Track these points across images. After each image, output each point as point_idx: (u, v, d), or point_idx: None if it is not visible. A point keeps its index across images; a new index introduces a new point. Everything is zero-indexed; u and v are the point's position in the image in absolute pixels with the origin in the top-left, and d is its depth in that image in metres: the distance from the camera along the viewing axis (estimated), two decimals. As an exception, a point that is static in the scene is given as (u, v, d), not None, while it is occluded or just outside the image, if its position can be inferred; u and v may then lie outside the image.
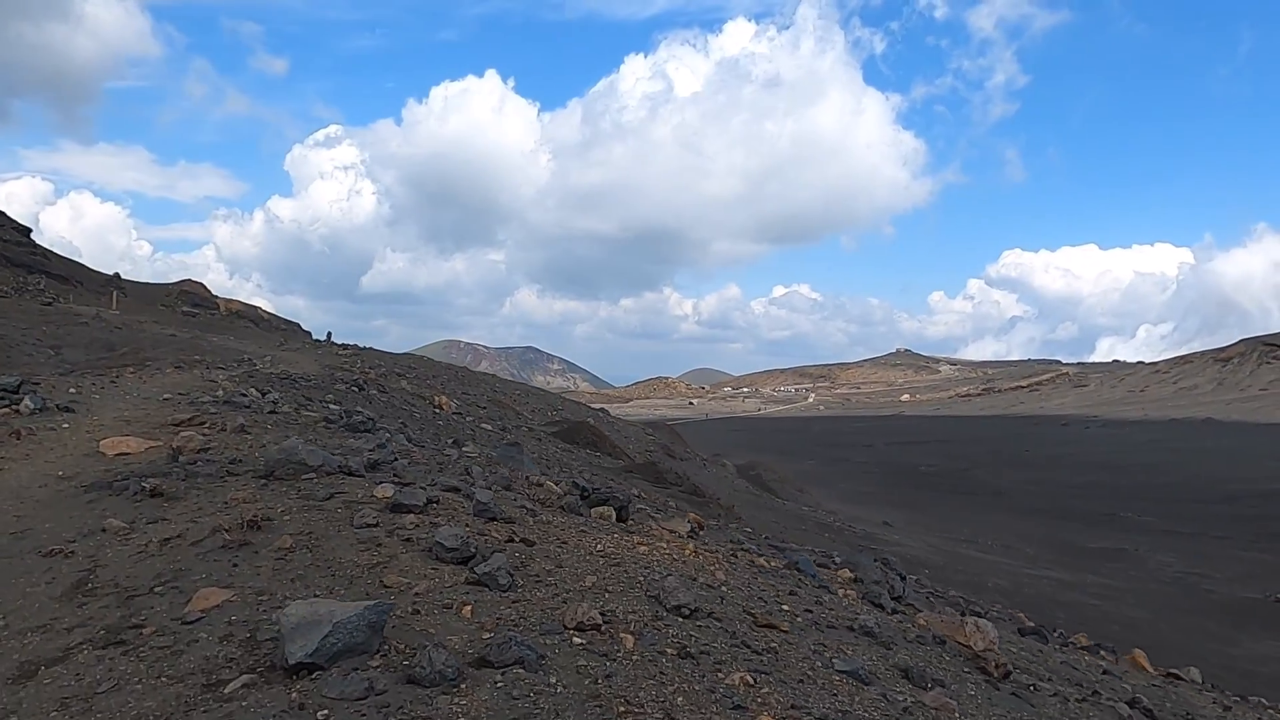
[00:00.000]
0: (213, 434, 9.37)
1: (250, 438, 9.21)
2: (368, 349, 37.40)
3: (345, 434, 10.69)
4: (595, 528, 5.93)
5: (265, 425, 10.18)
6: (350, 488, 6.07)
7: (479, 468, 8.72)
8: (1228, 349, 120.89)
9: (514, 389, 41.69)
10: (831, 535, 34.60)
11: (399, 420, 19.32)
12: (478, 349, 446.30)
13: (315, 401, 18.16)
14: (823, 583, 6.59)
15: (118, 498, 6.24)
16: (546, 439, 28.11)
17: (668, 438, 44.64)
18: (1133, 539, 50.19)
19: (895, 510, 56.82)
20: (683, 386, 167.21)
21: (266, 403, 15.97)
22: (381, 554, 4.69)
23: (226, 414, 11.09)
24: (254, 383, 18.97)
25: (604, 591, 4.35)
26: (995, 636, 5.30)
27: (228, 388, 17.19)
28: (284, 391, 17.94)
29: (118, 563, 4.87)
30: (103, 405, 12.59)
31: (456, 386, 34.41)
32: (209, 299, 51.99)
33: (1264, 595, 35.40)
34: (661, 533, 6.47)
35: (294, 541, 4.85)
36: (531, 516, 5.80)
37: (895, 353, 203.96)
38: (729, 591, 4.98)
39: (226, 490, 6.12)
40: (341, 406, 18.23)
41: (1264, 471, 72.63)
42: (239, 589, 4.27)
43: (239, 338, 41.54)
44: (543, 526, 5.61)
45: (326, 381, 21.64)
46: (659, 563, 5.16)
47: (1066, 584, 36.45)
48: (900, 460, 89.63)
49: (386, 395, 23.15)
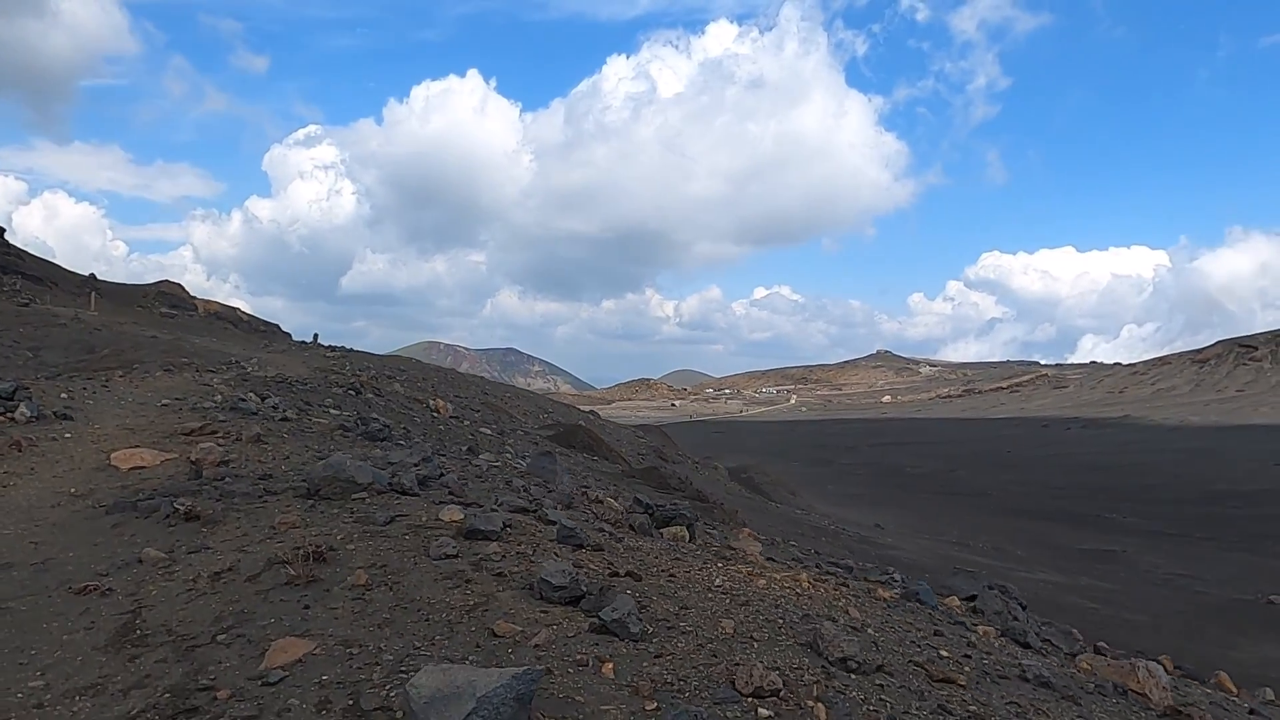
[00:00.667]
0: (229, 444, 8.72)
1: (269, 448, 8.57)
2: (355, 351, 36.55)
3: (365, 443, 10.06)
4: (690, 554, 5.38)
5: (281, 435, 9.53)
6: (409, 509, 5.47)
7: (520, 479, 8.14)
8: (1204, 350, 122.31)
9: (504, 391, 40.96)
10: (828, 539, 34.20)
11: (401, 426, 18.65)
12: (458, 350, 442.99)
13: (315, 406, 17.45)
14: (956, 618, 6.08)
15: (146, 520, 5.59)
16: (543, 443, 27.49)
17: (659, 440, 44.12)
18: (1120, 540, 50.30)
19: (884, 512, 56.64)
20: (665, 388, 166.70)
21: (267, 407, 15.26)
22: (475, 592, 4.11)
23: (238, 422, 10.42)
24: (250, 387, 18.22)
25: (750, 640, 3.81)
26: (1167, 682, 4.83)
27: (225, 392, 16.45)
28: (283, 396, 17.22)
29: (166, 603, 4.25)
30: (100, 412, 11.85)
31: (449, 390, 33.69)
32: (187, 300, 50.79)
33: (1256, 596, 35.43)
34: (754, 557, 5.94)
35: (369, 577, 4.26)
36: (616, 541, 5.25)
37: (875, 354, 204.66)
38: (877, 635, 4.46)
39: (270, 512, 5.50)
40: (343, 411, 17.54)
41: (1243, 472, 73.30)
42: (320, 638, 3.67)
43: (221, 339, 40.50)
44: (634, 554, 5.06)
45: (322, 385, 20.91)
46: (786, 599, 4.63)
47: (1063, 587, 36.27)
48: (885, 462, 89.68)
49: (383, 399, 22.43)
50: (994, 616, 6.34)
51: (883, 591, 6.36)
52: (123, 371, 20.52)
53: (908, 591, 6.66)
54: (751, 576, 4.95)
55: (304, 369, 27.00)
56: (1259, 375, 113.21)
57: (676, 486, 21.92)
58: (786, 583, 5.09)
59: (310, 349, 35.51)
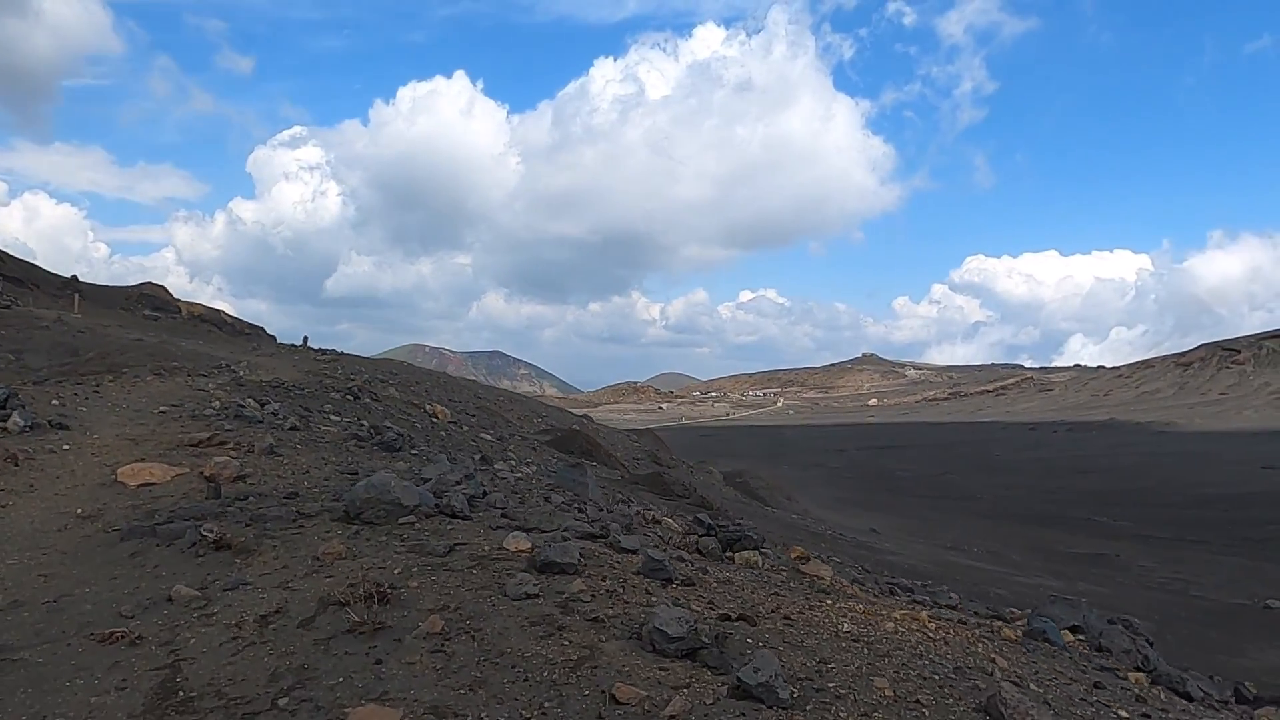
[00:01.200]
0: (242, 457, 8.09)
1: (285, 461, 7.95)
2: (346, 354, 35.77)
3: (382, 453, 9.45)
4: (785, 587, 4.83)
5: (295, 446, 8.90)
6: (467, 536, 4.88)
7: (559, 495, 7.56)
8: (1188, 354, 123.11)
9: (497, 395, 40.28)
10: (827, 545, 33.76)
11: (405, 433, 18.01)
12: (444, 353, 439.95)
13: (315, 412, 16.78)
14: (1100, 664, 5.54)
15: (169, 549, 4.98)
16: (541, 448, 26.88)
17: (653, 444, 43.56)
18: (1111, 544, 50.21)
19: (876, 516, 56.33)
20: (652, 391, 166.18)
21: (267, 414, 14.60)
22: (574, 643, 3.55)
23: (246, 432, 9.77)
24: (247, 392, 17.52)
25: (918, 706, 3.27)
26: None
27: (222, 398, 15.75)
28: (282, 401, 16.54)
29: (208, 654, 3.65)
30: (97, 420, 11.17)
31: (442, 394, 32.99)
32: (171, 302, 49.76)
33: (1253, 601, 35.29)
34: (833, 582, 5.41)
35: (444, 623, 3.68)
36: (703, 573, 4.69)
37: (861, 357, 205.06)
38: (1043, 692, 3.94)
39: (309, 539, 4.90)
40: (343, 418, 16.89)
41: (1231, 475, 73.63)
42: (405, 703, 3.09)
43: (208, 342, 39.54)
44: (730, 589, 4.50)
45: (318, 390, 20.21)
46: (924, 647, 4.10)
47: (1062, 592, 35.87)
48: (874, 465, 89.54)
49: (380, 404, 21.74)
50: (1123, 655, 5.82)
51: (1007, 631, 5.82)
52: (112, 376, 19.76)
53: (1032, 630, 6.12)
54: (873, 618, 4.42)
55: (296, 373, 26.26)
56: (1242, 379, 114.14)
57: (680, 493, 21.36)
58: (909, 623, 4.56)
59: (300, 352, 34.70)
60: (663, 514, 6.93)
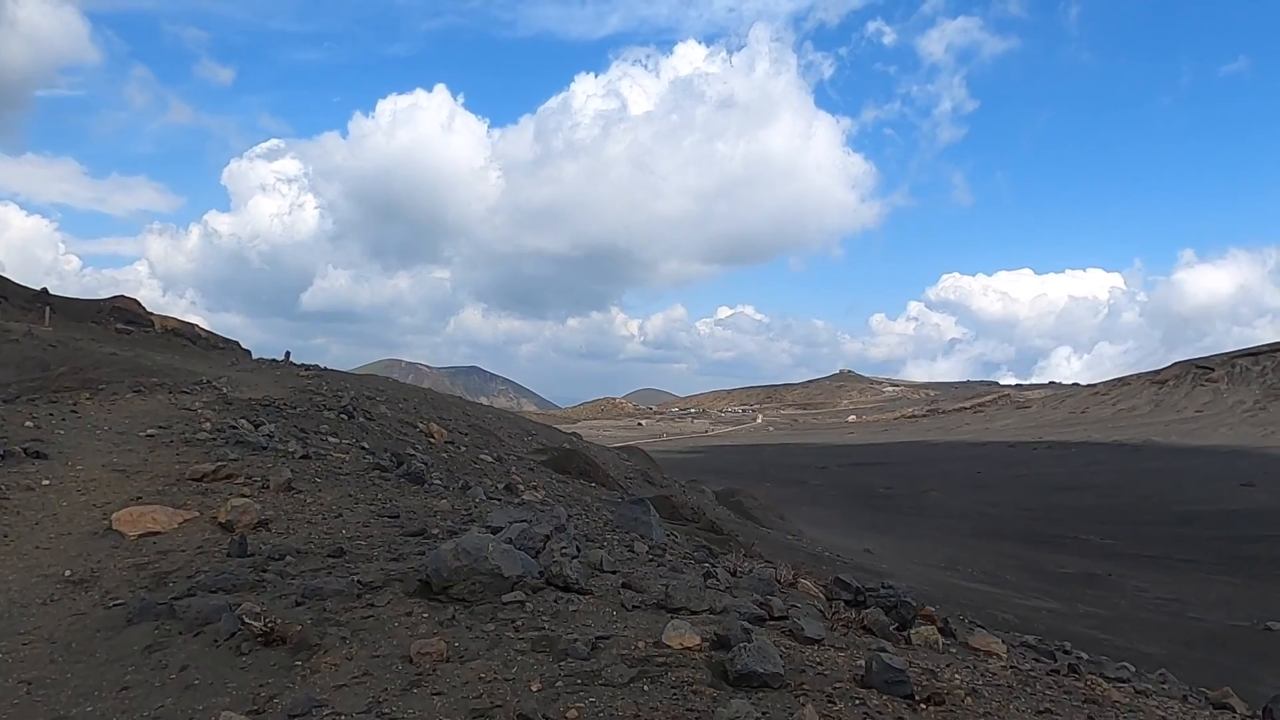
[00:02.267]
0: (255, 494, 7.12)
1: (308, 500, 7.02)
2: (329, 370, 34.61)
3: (411, 486, 8.52)
4: (1056, 703, 3.79)
5: (313, 479, 7.97)
6: (599, 621, 3.79)
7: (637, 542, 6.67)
8: (1163, 371, 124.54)
9: (484, 412, 39.26)
10: (827, 567, 33.01)
11: (414, 454, 17.02)
12: (420, 369, 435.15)
13: (311, 433, 15.80)
14: None
15: (196, 640, 3.92)
16: (539, 468, 25.90)
17: (643, 463, 42.70)
18: (1101, 564, 49.99)
19: (867, 535, 55.74)
20: (630, 407, 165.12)
21: (261, 436, 13.61)
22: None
23: (252, 461, 8.82)
24: (236, 411, 16.49)
25: None
26: None
27: (212, 418, 14.74)
28: (275, 422, 15.54)
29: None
30: (78, 446, 10.14)
31: (431, 410, 31.92)
32: (143, 316, 48.19)
33: (1252, 623, 34.97)
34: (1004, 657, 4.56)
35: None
36: (930, 678, 3.68)
37: (838, 373, 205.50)
38: None
39: (388, 627, 3.81)
40: (341, 439, 15.90)
41: (1211, 493, 74.08)
42: None
43: (184, 357, 38.18)
44: (982, 706, 3.48)
45: (310, 409, 19.18)
46: None
47: (1063, 615, 35.44)
48: (857, 482, 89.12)
49: (374, 422, 20.70)
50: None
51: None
52: (89, 393, 18.61)
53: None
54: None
55: (283, 390, 25.15)
56: (1216, 396, 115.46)
57: (690, 517, 20.52)
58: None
59: (282, 367, 33.50)
60: (792, 572, 5.99)
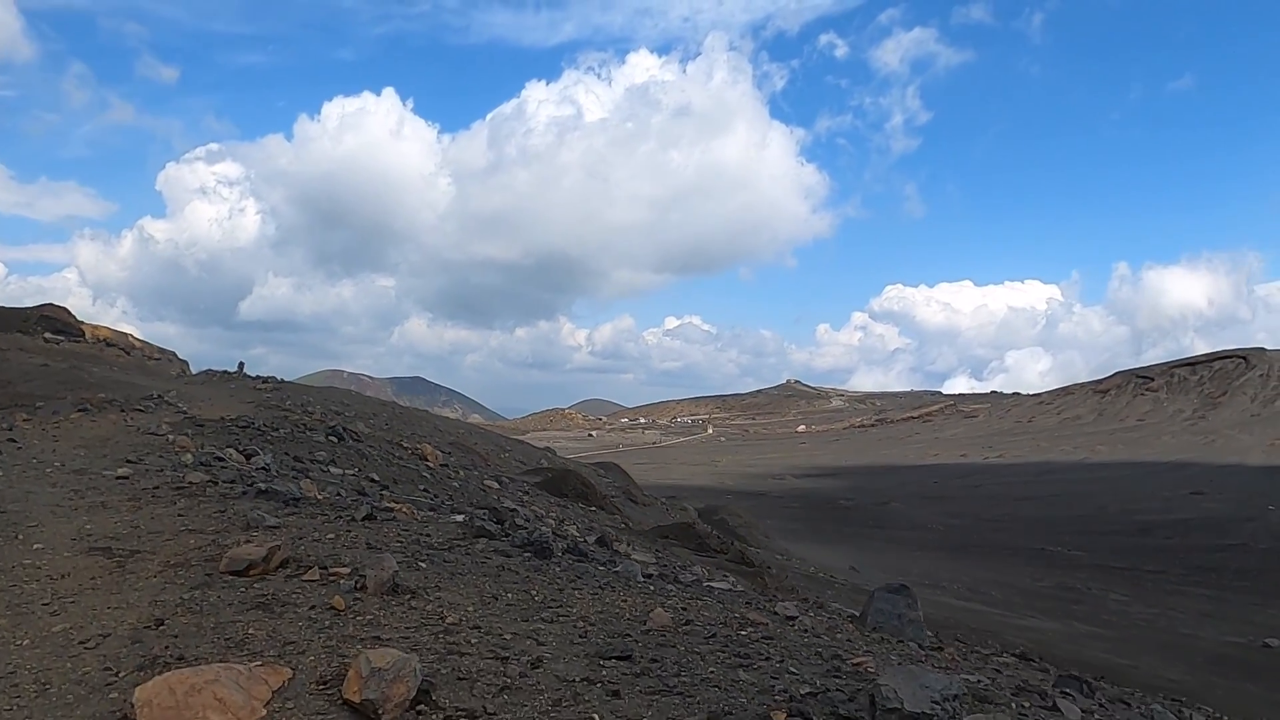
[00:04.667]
0: (349, 603, 4.79)
1: (445, 615, 4.73)
2: (286, 382, 31.60)
3: (551, 568, 6.26)
4: None
5: (416, 565, 5.65)
6: None
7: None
8: (1104, 381, 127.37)
9: (456, 427, 36.63)
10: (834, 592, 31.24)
11: (421, 486, 14.54)
12: (362, 379, 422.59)
13: (307, 461, 13.24)
14: None
15: None
16: (534, 492, 23.51)
17: (622, 480, 40.52)
18: (1074, 575, 49.57)
19: (840, 550, 54.51)
20: (579, 418, 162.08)
21: (254, 468, 11.08)
22: None
23: (304, 530, 6.40)
24: (212, 436, 13.79)
25: None
26: None
27: (188, 445, 12.06)
28: (261, 448, 12.92)
29: None
30: (27, 499, 7.59)
31: (404, 427, 29.26)
32: (73, 325, 44.38)
33: (1247, 640, 34.33)
34: None
35: None
36: None
37: (785, 384, 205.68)
38: None
39: None
40: (344, 469, 13.38)
41: (1163, 502, 75.23)
42: None
43: (123, 369, 34.80)
44: None
45: (293, 430, 16.54)
46: None
47: (1066, 635, 34.29)
48: (816, 494, 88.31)
49: (361, 443, 18.15)
50: None
51: None
52: (26, 413, 15.67)
53: None
54: None
55: (246, 406, 22.38)
56: (1156, 405, 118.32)
57: (718, 548, 18.48)
58: None
59: (236, 379, 30.43)
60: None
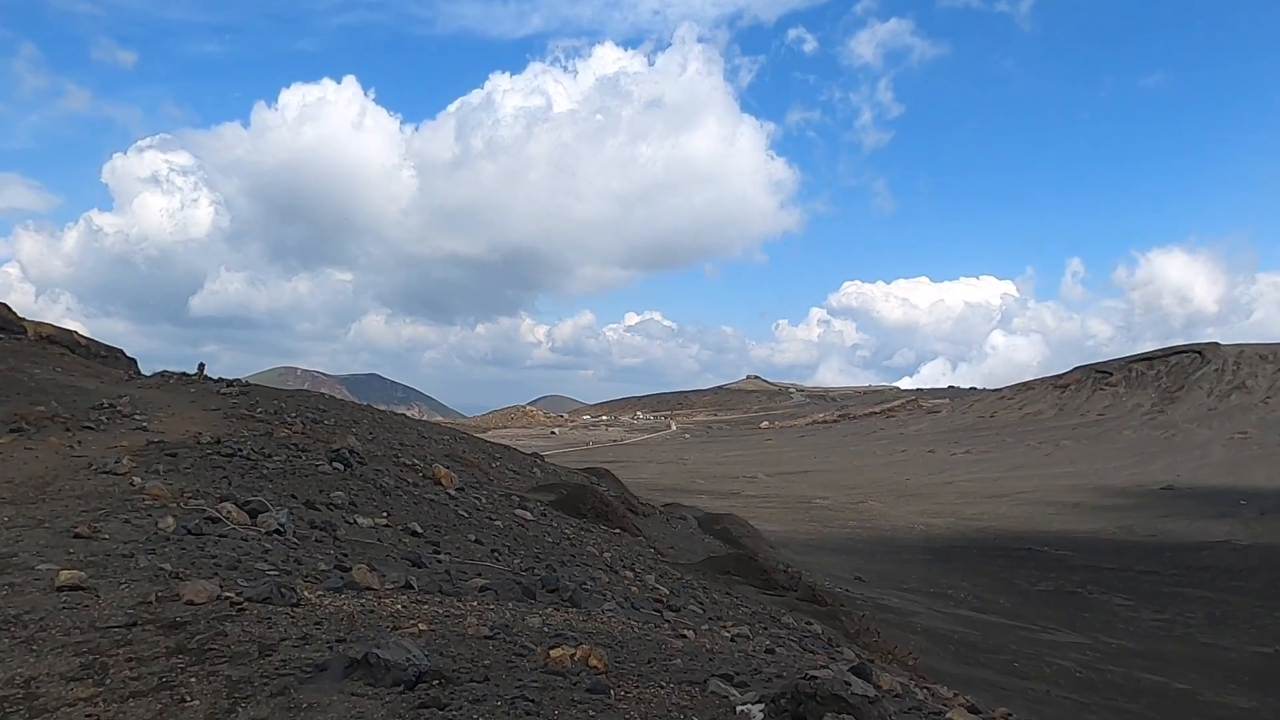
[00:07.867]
0: None
1: None
2: (253, 385, 27.95)
3: None
4: None
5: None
6: None
7: None
8: (1065, 376, 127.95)
9: (439, 431, 33.29)
10: (921, 640, 28.70)
11: (471, 536, 11.40)
12: (316, 376, 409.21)
13: (322, 508, 10.09)
14: None
15: None
16: (553, 514, 20.39)
17: (615, 487, 37.52)
18: (1069, 579, 48.03)
19: (824, 554, 52.18)
20: (541, 415, 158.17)
21: (270, 536, 7.99)
22: None
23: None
24: (193, 474, 10.53)
25: None
26: None
27: (162, 494, 8.85)
28: (264, 489, 9.73)
29: None
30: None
31: (394, 438, 25.86)
32: (14, 321, 39.81)
33: (1273, 649, 32.67)
34: None
35: None
36: None
37: (745, 379, 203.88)
38: None
39: None
40: (376, 521, 10.25)
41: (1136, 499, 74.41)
42: None
43: (67, 369, 30.76)
44: None
45: (290, 456, 13.26)
46: None
47: (1100, 652, 32.02)
48: (790, 492, 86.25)
49: (367, 468, 14.97)
50: None
51: None
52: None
53: None
54: None
55: (212, 416, 19.06)
56: (1115, 400, 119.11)
57: (786, 585, 15.72)
58: None
59: (196, 383, 26.75)
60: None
